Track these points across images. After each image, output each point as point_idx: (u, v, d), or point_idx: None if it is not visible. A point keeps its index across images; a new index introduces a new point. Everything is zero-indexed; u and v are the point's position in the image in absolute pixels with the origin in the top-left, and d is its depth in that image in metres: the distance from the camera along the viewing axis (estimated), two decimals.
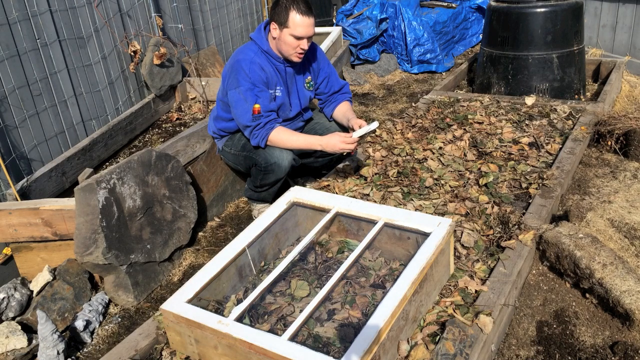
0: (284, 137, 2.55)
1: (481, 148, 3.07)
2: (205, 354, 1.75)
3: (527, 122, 3.38)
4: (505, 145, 3.09)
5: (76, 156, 3.34)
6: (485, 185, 2.69)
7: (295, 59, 2.54)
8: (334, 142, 2.46)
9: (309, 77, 2.76)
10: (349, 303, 1.92)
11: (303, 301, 1.96)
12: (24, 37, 3.08)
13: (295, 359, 1.50)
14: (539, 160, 2.91)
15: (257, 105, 2.49)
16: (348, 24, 5.46)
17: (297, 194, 2.31)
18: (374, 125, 2.42)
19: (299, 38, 2.45)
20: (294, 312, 1.91)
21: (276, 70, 2.60)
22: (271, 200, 2.87)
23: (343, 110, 2.81)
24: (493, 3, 4.05)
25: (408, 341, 1.73)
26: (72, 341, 2.17)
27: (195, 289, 1.84)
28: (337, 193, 2.75)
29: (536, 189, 2.60)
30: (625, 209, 2.45)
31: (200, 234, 2.85)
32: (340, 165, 2.99)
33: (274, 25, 2.48)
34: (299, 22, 2.40)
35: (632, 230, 2.31)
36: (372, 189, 2.72)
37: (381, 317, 1.59)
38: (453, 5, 5.70)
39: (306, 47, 2.49)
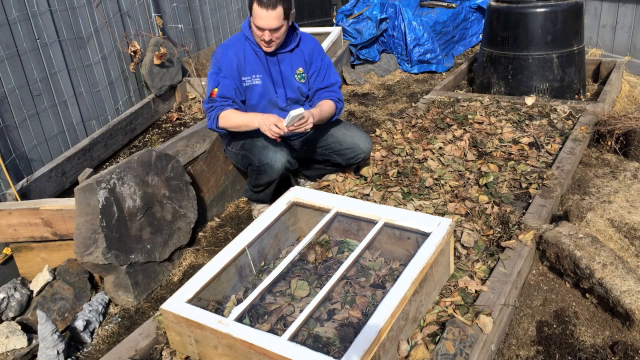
0: (231, 116, 2.57)
1: (481, 148, 3.07)
2: (205, 354, 1.75)
3: (527, 122, 3.38)
4: (505, 145, 3.09)
5: (76, 156, 3.34)
6: (485, 185, 2.69)
7: (264, 48, 2.56)
8: (265, 123, 2.44)
9: (301, 69, 2.70)
10: (349, 303, 1.92)
11: (303, 301, 1.96)
12: (24, 37, 3.08)
13: (295, 359, 1.50)
14: (539, 160, 2.91)
15: (215, 90, 2.56)
16: (348, 24, 5.46)
17: (297, 194, 2.31)
18: (298, 111, 2.34)
19: (259, 29, 2.47)
20: (294, 312, 1.91)
21: (257, 57, 2.62)
22: (269, 200, 2.87)
23: (319, 104, 2.70)
24: (493, 3, 4.05)
25: (408, 341, 1.73)
26: (72, 341, 2.17)
27: (195, 289, 1.84)
28: (337, 193, 2.75)
29: (536, 189, 2.60)
30: (625, 209, 2.45)
31: (200, 234, 2.85)
32: None
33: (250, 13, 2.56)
34: (257, 14, 2.42)
35: (632, 230, 2.31)
36: (372, 189, 2.72)
37: (381, 317, 1.59)
38: (453, 5, 5.70)
39: (267, 39, 2.48)
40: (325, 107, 2.68)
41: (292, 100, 2.75)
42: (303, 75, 2.72)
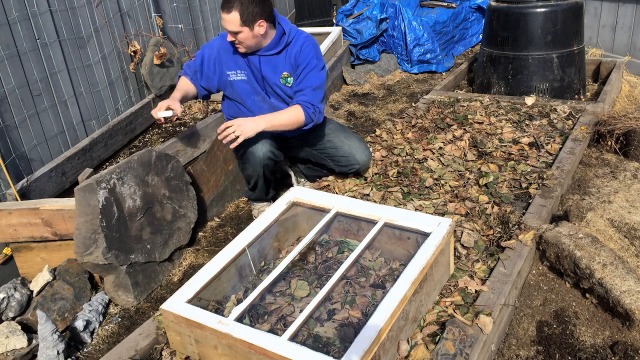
0: (178, 83, 2.84)
1: (481, 148, 3.07)
2: (205, 354, 1.75)
3: (527, 122, 3.38)
4: (505, 145, 3.09)
5: (76, 156, 3.34)
6: (485, 185, 2.69)
7: (238, 49, 2.62)
8: (160, 103, 2.62)
9: (286, 73, 2.67)
10: (349, 303, 1.92)
11: (303, 301, 1.96)
12: (24, 37, 3.08)
13: (295, 359, 1.50)
14: (539, 160, 2.91)
15: (192, 58, 2.82)
16: (348, 24, 5.46)
17: (297, 194, 2.31)
18: (166, 113, 2.53)
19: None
20: (294, 312, 1.91)
21: (240, 54, 2.67)
22: (268, 198, 2.87)
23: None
24: (493, 3, 4.05)
25: (408, 341, 1.73)
26: (72, 341, 2.17)
27: (195, 289, 1.84)
28: (337, 193, 2.75)
29: (536, 189, 2.60)
30: (625, 209, 2.45)
31: (200, 234, 2.85)
32: None
33: None
34: (220, 15, 2.53)
35: (632, 230, 2.31)
36: (372, 189, 2.72)
37: (381, 317, 1.59)
38: (453, 5, 5.70)
39: (229, 39, 2.58)
40: (284, 113, 2.58)
41: (278, 101, 2.75)
42: (289, 79, 2.68)
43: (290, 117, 2.58)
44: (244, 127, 2.43)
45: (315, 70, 2.64)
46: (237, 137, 2.41)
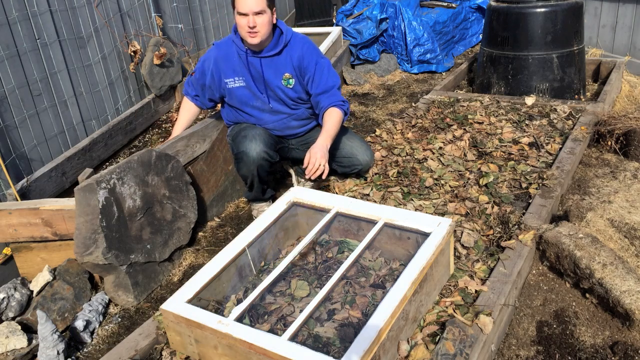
0: (180, 109, 3.00)
1: (481, 148, 3.07)
2: (205, 354, 1.75)
3: (527, 122, 3.38)
4: (505, 145, 3.09)
5: (76, 156, 3.34)
6: (485, 185, 2.69)
7: (249, 40, 2.54)
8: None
9: (287, 74, 2.67)
10: (349, 303, 1.92)
11: (303, 301, 1.96)
12: (24, 37, 3.08)
13: (295, 359, 1.50)
14: (539, 160, 2.91)
15: (192, 73, 2.87)
16: (348, 24, 5.46)
17: (297, 194, 2.32)
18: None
19: (243, 14, 2.47)
20: (294, 312, 1.91)
21: (240, 60, 2.67)
22: (263, 197, 2.87)
23: (324, 121, 2.63)
24: (493, 3, 4.05)
25: (408, 341, 1.73)
26: (72, 341, 2.17)
27: (195, 289, 1.84)
28: (337, 193, 2.75)
29: (536, 189, 2.60)
30: (625, 209, 2.45)
31: (200, 234, 2.85)
32: None
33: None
34: None
35: (632, 230, 2.31)
36: (372, 189, 2.72)
37: (381, 317, 1.59)
38: (453, 5, 5.70)
39: (252, 24, 2.47)
40: (330, 122, 2.59)
41: (278, 104, 2.74)
42: (290, 81, 2.68)
43: (336, 121, 2.61)
44: (321, 155, 2.43)
45: (328, 68, 2.70)
46: (324, 168, 2.42)
